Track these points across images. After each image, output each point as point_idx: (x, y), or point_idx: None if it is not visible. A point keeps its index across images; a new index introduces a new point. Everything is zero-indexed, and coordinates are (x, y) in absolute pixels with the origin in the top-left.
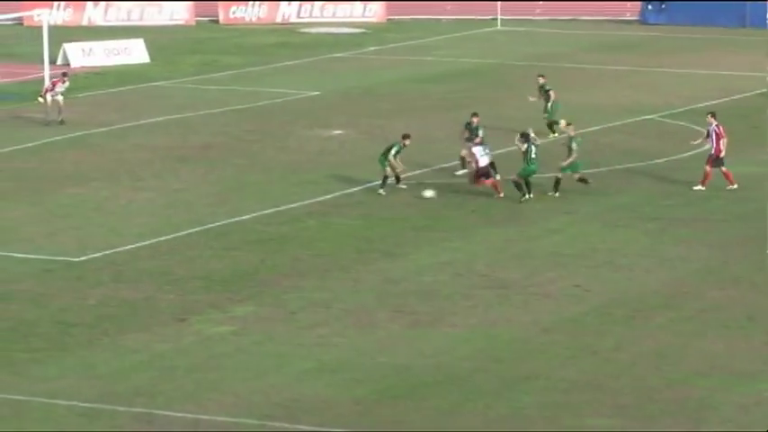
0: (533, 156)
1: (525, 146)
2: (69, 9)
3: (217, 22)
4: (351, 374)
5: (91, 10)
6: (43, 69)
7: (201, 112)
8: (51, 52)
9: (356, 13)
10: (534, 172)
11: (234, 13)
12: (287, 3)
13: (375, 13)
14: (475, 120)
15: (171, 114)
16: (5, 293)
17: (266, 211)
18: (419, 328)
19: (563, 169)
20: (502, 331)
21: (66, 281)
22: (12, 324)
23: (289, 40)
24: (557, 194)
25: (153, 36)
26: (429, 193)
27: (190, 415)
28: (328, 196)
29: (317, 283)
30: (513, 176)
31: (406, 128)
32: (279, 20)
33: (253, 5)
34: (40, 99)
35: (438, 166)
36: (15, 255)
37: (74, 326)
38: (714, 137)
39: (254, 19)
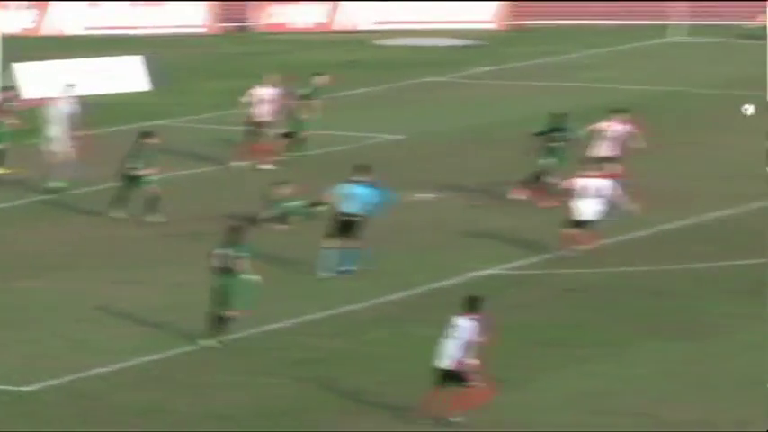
0: None
1: None
2: (33, 9)
3: (248, 29)
4: None
5: (61, 11)
6: None
7: (223, 167)
8: None
9: (463, 16)
10: None
11: (272, 16)
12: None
13: (492, 15)
14: None
15: (185, 168)
16: None
17: (316, 315)
18: None
19: None
20: None
21: (9, 417)
22: None
23: (359, 56)
24: None
25: (155, 51)
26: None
27: None
28: (407, 293)
29: None
30: None
31: None
32: (344, 26)
33: (301, 4)
34: None
35: None
36: None
37: None
38: None
39: (304, 25)
